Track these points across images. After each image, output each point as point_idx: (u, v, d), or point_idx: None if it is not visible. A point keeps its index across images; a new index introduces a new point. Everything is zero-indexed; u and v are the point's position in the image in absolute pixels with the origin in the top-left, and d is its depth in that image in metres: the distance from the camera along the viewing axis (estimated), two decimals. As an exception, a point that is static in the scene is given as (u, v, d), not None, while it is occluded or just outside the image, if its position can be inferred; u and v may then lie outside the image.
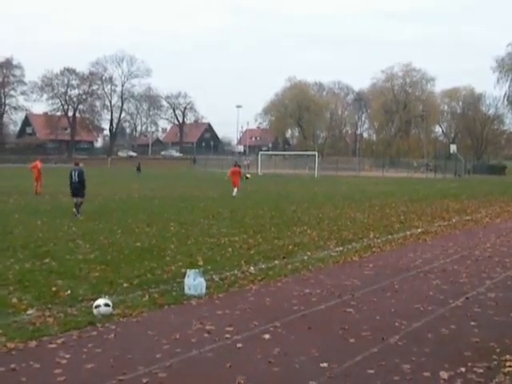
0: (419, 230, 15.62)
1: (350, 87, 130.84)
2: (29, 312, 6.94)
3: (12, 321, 6.58)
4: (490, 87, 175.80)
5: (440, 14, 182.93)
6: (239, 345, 5.93)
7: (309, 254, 11.56)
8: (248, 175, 48.40)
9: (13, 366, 5.24)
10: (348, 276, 9.51)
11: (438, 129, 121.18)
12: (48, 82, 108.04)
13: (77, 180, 18.24)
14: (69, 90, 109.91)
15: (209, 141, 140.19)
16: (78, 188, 18.13)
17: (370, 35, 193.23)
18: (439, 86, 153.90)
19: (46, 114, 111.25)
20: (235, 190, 28.48)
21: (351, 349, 5.85)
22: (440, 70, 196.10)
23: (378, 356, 5.62)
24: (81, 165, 19.66)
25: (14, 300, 7.44)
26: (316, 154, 69.58)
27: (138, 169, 58.57)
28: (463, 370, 5.26)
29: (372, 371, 5.21)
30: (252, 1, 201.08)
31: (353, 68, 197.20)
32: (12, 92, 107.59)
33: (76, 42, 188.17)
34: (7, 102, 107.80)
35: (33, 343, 5.86)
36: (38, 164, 29.43)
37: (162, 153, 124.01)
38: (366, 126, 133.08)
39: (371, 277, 9.52)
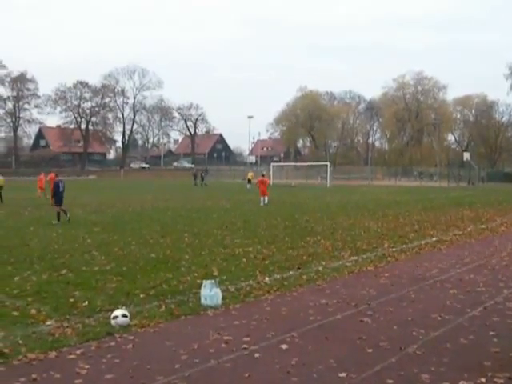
0: (434, 239, 15.56)
1: (361, 96, 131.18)
2: (48, 323, 7.00)
3: (31, 331, 6.63)
4: (503, 95, 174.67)
5: (451, 22, 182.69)
6: (257, 355, 5.94)
7: (323, 264, 11.55)
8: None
9: (34, 376, 5.28)
10: (363, 286, 9.49)
11: (450, 137, 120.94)
12: (61, 95, 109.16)
13: (63, 190, 20.07)
14: (82, 103, 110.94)
15: (220, 152, 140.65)
16: (62, 197, 19.92)
17: (381, 44, 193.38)
18: (451, 94, 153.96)
19: (59, 126, 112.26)
20: (264, 198, 28.90)
21: (369, 358, 5.84)
22: (452, 77, 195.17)
23: (396, 366, 5.61)
24: None
25: (33, 311, 7.50)
26: (328, 163, 69.55)
27: (196, 177, 60.87)
28: (483, 380, 5.23)
29: (391, 381, 5.19)
30: (264, 11, 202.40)
31: (364, 77, 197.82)
32: (26, 105, 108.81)
33: (88, 54, 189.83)
34: (21, 115, 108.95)
35: (53, 354, 5.91)
36: (52, 176, 29.83)
37: (174, 164, 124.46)
38: (377, 135, 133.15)
39: (387, 286, 9.50)
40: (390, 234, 16.46)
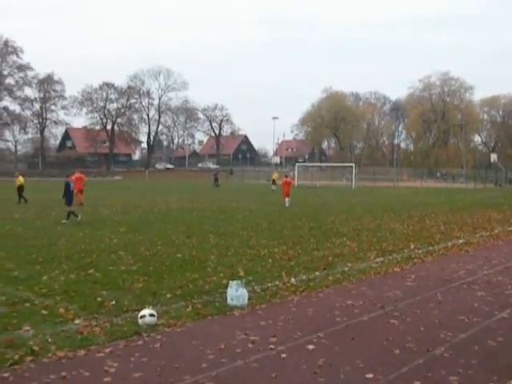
0: (461, 241, 15.41)
1: (386, 97, 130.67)
2: (76, 322, 7.08)
3: (60, 330, 6.72)
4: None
5: (478, 22, 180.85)
6: (284, 355, 5.94)
7: (349, 265, 11.52)
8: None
9: (63, 373, 5.36)
10: (390, 287, 9.45)
11: (477, 138, 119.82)
12: (87, 96, 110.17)
13: (73, 190, 20.59)
14: (107, 104, 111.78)
15: (245, 152, 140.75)
16: (73, 198, 20.38)
17: (407, 44, 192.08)
18: (478, 95, 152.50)
19: (85, 127, 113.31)
20: (287, 200, 28.80)
21: (396, 360, 5.81)
22: (479, 78, 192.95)
23: (423, 367, 5.57)
24: None
25: (62, 310, 7.60)
26: (353, 164, 69.25)
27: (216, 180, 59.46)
28: (512, 382, 5.18)
29: (418, 383, 5.17)
30: (289, 12, 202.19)
31: (389, 78, 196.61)
32: (53, 107, 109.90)
33: (114, 56, 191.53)
34: (48, 116, 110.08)
35: (81, 352, 5.99)
36: (78, 176, 30.57)
37: (199, 165, 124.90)
38: (403, 136, 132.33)
39: (414, 288, 9.44)
40: (416, 236, 16.35)
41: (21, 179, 30.24)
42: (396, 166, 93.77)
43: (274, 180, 55.04)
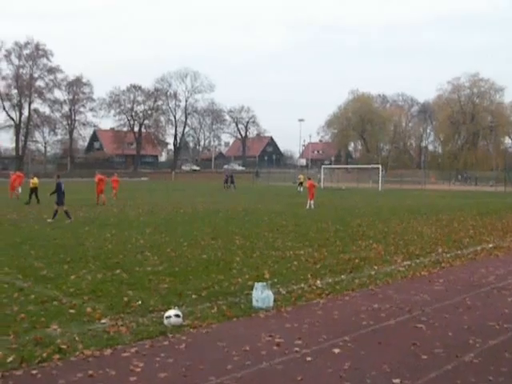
0: (490, 245, 15.18)
1: (414, 99, 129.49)
2: (103, 321, 7.14)
3: (87, 329, 6.78)
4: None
5: (509, 22, 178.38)
6: (309, 358, 5.91)
7: (376, 268, 11.42)
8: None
9: (90, 372, 5.41)
10: (417, 291, 9.34)
11: (507, 140, 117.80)
12: (115, 98, 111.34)
13: (64, 191, 20.78)
14: (135, 106, 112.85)
15: (271, 154, 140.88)
16: (64, 198, 20.66)
17: (435, 45, 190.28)
18: (509, 97, 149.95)
19: (112, 129, 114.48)
20: (311, 202, 28.70)
21: (424, 365, 5.74)
22: (509, 79, 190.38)
23: (452, 374, 5.50)
24: None
25: (89, 309, 7.67)
26: (380, 167, 68.74)
27: (227, 181, 57.58)
28: (543, 390, 5.08)
29: (446, 388, 5.10)
30: (316, 13, 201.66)
31: (417, 79, 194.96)
32: (81, 109, 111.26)
33: (141, 58, 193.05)
34: (77, 118, 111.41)
35: (108, 351, 6.03)
36: (100, 177, 31.67)
37: (225, 167, 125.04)
38: (431, 138, 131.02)
39: (442, 292, 9.32)
40: (444, 239, 16.15)
41: (35, 180, 30.61)
42: (424, 168, 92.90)
43: (301, 182, 55.00)
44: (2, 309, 7.66)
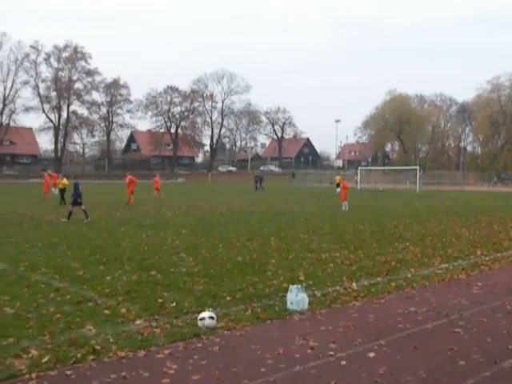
0: (531, 248, 14.83)
1: (453, 99, 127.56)
2: (137, 322, 7.17)
3: (121, 330, 6.81)
4: None
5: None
6: (343, 362, 5.83)
7: (412, 271, 11.25)
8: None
9: (123, 373, 5.43)
10: (455, 295, 9.16)
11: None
12: (152, 100, 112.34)
13: (81, 191, 21.12)
14: (171, 108, 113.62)
15: (307, 155, 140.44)
16: (81, 197, 20.96)
17: (475, 44, 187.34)
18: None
19: (149, 130, 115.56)
20: (345, 203, 28.53)
21: (461, 371, 5.61)
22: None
23: (490, 380, 5.36)
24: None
25: (123, 310, 7.71)
26: (417, 168, 67.87)
27: (256, 182, 56.25)
28: None
29: (485, 396, 4.97)
30: (352, 14, 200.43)
31: (456, 79, 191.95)
32: (119, 110, 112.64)
33: (178, 60, 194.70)
34: (114, 119, 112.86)
35: (141, 353, 6.05)
36: (131, 178, 32.52)
37: (261, 168, 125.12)
38: (470, 138, 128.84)
39: (480, 296, 9.13)
40: (482, 242, 15.83)
41: (65, 181, 30.91)
42: (462, 169, 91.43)
43: (338, 183, 54.78)
44: (39, 309, 7.77)
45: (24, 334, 6.62)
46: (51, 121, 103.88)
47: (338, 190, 51.32)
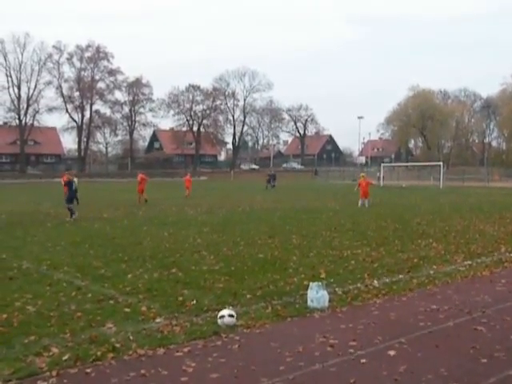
0: (556, 244, 14.58)
1: (477, 94, 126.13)
2: (157, 320, 7.19)
3: (142, 328, 6.83)
4: None
5: None
6: (363, 360, 5.78)
7: (435, 268, 11.12)
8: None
9: (142, 371, 5.44)
10: (478, 292, 9.04)
11: None
12: (174, 98, 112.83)
13: (75, 189, 21.72)
14: (193, 106, 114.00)
15: (330, 152, 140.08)
16: (74, 196, 21.52)
17: (499, 39, 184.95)
18: None
19: (172, 129, 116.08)
20: (366, 200, 28.27)
21: (483, 370, 5.52)
22: None
23: (513, 379, 5.27)
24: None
25: (144, 308, 7.74)
26: (441, 164, 67.26)
27: (269, 181, 54.20)
28: None
29: (507, 394, 4.89)
30: (377, 8, 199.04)
31: (480, 74, 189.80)
32: (141, 109, 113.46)
33: (200, 58, 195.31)
34: (137, 118, 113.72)
35: (161, 350, 6.06)
36: (142, 176, 32.74)
37: (284, 165, 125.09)
38: (494, 134, 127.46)
39: (504, 293, 8.99)
40: (507, 238, 15.61)
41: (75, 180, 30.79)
42: (487, 165, 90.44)
43: None
44: (60, 307, 7.82)
45: (45, 332, 6.67)
46: (74, 120, 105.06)
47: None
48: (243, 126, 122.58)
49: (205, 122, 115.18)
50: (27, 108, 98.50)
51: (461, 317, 7.51)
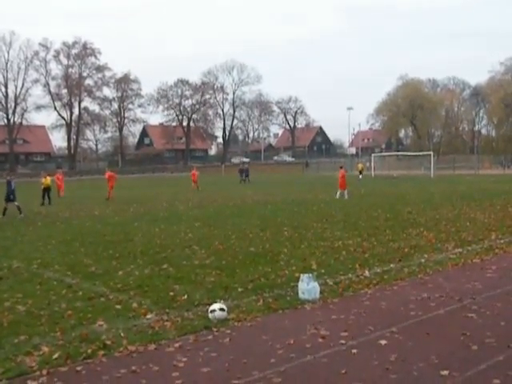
0: (546, 230, 14.65)
1: (465, 82, 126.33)
2: (148, 316, 7.16)
3: (132, 324, 6.81)
4: None
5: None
6: (354, 350, 5.79)
7: (426, 256, 11.15)
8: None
9: (133, 368, 5.43)
10: (468, 279, 9.06)
11: None
12: (163, 93, 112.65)
13: (14, 188, 22.07)
14: (183, 101, 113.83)
15: (320, 144, 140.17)
16: (12, 195, 21.95)
17: (487, 26, 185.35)
18: None
19: (161, 124, 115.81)
20: (343, 192, 28.15)
21: (474, 356, 5.54)
22: None
23: (504, 365, 5.28)
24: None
25: (135, 304, 7.71)
26: (431, 153, 67.40)
27: (242, 174, 53.31)
28: None
29: (498, 381, 4.90)
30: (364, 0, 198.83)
31: (468, 62, 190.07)
32: (130, 105, 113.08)
33: (187, 53, 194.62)
34: (126, 115, 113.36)
35: (152, 346, 6.04)
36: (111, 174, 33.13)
37: (275, 158, 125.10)
38: (484, 121, 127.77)
39: (494, 280, 9.02)
40: (497, 225, 15.67)
41: (48, 180, 29.80)
42: (477, 153, 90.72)
43: (361, 171, 55.17)
44: (51, 306, 7.79)
45: (35, 331, 6.64)
46: (63, 118, 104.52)
47: (361, 176, 51.89)
48: (233, 119, 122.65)
49: (194, 116, 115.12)
50: (15, 107, 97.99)
51: (452, 304, 7.53)
